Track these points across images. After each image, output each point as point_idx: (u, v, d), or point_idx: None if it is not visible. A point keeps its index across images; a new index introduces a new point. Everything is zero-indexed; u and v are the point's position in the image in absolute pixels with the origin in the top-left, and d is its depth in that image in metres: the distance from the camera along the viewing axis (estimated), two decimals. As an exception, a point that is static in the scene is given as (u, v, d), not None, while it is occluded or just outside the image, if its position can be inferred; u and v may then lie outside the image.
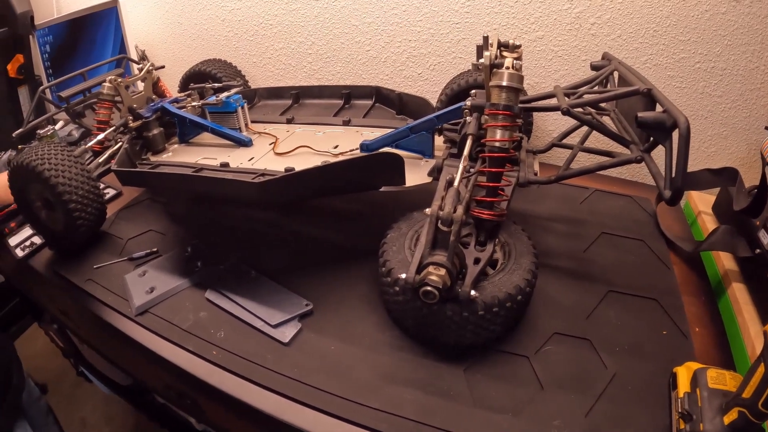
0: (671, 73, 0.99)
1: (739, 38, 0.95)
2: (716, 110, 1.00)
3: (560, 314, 0.75)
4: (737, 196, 0.86)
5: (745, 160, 1.04)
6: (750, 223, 0.80)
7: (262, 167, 0.83)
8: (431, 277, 0.59)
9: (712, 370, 0.62)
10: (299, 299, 0.75)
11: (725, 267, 0.83)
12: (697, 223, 0.96)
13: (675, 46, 0.97)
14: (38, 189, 0.90)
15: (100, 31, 1.29)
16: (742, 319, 0.74)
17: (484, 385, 0.65)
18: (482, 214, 0.67)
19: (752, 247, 0.77)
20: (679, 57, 0.97)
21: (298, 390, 0.66)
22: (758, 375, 0.53)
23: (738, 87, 0.98)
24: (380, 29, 1.12)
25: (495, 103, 0.66)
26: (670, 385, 0.66)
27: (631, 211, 0.95)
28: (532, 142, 1.10)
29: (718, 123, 1.01)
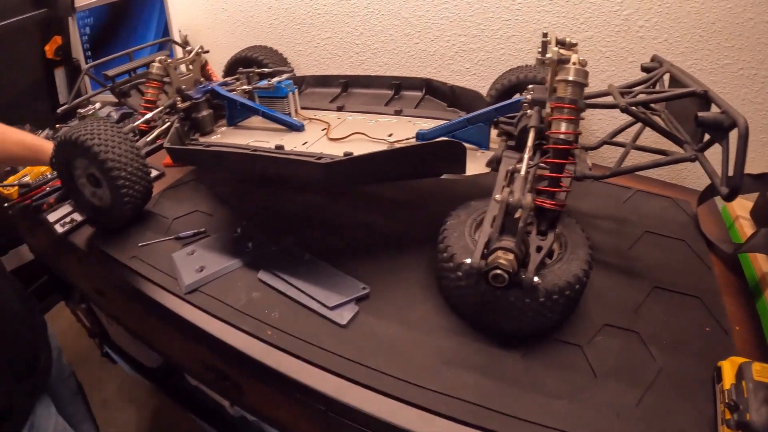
0: (714, 78, 1.02)
1: (782, 46, 0.98)
2: (757, 117, 1.04)
3: (609, 307, 0.78)
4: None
5: (783, 167, 1.08)
6: (788, 228, 0.84)
7: (318, 151, 0.85)
8: (501, 260, 0.62)
9: (757, 363, 0.65)
10: (355, 282, 0.78)
11: (763, 270, 0.86)
12: (734, 227, 0.99)
13: (719, 51, 1.00)
14: (85, 164, 0.91)
15: (144, 15, 1.32)
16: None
17: (540, 372, 0.68)
18: (545, 204, 0.70)
19: None
20: (723, 63, 1.01)
21: (358, 372, 0.68)
22: None
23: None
24: (430, 23, 1.15)
25: (561, 97, 0.69)
26: (714, 379, 0.69)
27: (672, 212, 0.98)
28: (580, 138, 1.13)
29: (758, 129, 1.05)
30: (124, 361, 1.29)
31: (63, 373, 1.02)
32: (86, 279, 1.09)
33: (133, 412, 1.40)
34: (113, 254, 0.92)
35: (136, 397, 1.41)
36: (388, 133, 0.90)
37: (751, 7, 0.96)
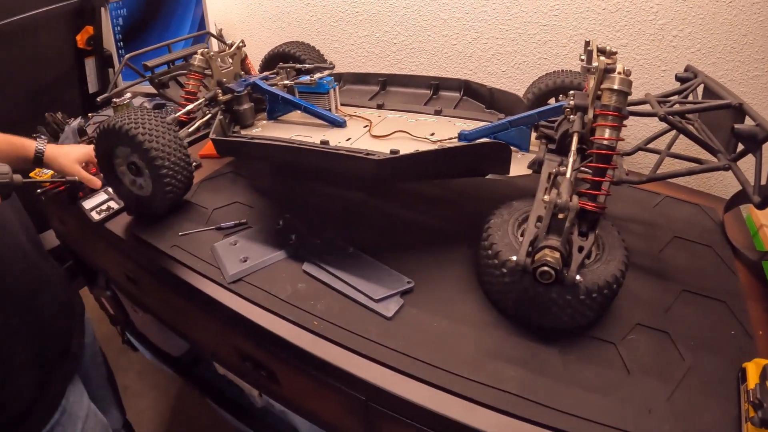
0: (744, 89, 1.07)
1: (813, 60, 1.03)
2: (783, 128, 1.09)
3: (641, 307, 0.82)
4: (802, 211, 0.95)
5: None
6: (812, 237, 0.89)
7: (362, 147, 0.89)
8: (548, 258, 0.67)
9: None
10: (400, 276, 0.82)
11: (785, 277, 0.91)
12: (758, 235, 1.04)
13: (750, 63, 1.05)
14: (126, 153, 0.95)
15: (179, 8, 1.35)
16: (802, 325, 0.83)
17: (577, 366, 0.73)
18: (587, 206, 0.75)
19: None
20: (753, 74, 1.06)
21: (403, 362, 0.72)
22: None
23: (808, 106, 1.07)
24: (468, 25, 1.19)
25: (606, 104, 0.74)
26: (738, 379, 0.74)
27: (699, 219, 1.03)
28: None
29: (784, 140, 1.10)
30: (147, 349, 1.32)
31: (96, 358, 1.06)
32: (119, 266, 1.12)
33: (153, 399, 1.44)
34: (153, 242, 0.96)
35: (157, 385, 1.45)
36: (430, 132, 0.95)
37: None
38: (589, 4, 1.08)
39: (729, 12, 1.02)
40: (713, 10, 1.02)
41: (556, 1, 1.10)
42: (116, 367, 1.53)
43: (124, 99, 1.17)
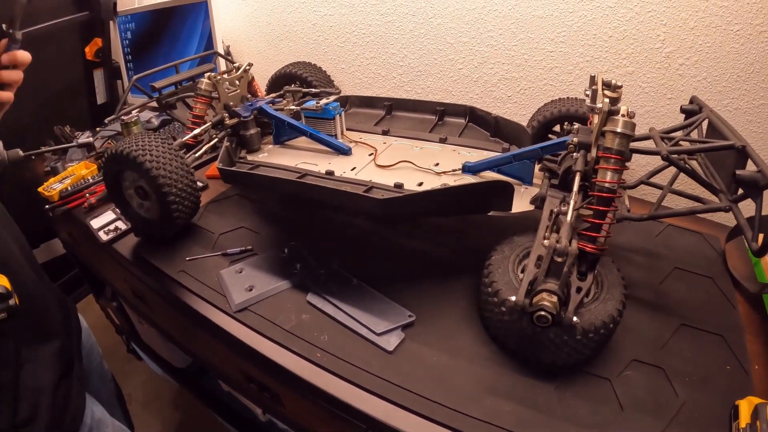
0: (750, 118, 1.09)
1: (818, 89, 1.05)
2: (788, 157, 1.11)
3: (638, 342, 0.86)
4: (804, 243, 0.97)
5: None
6: (813, 271, 0.91)
7: (367, 178, 0.92)
8: (545, 303, 0.70)
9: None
10: (402, 310, 0.86)
11: (785, 309, 0.94)
12: (760, 265, 1.06)
13: (756, 92, 1.07)
14: (134, 177, 0.98)
15: (187, 24, 1.37)
16: (799, 360, 0.86)
17: (572, 403, 0.76)
18: (587, 247, 0.78)
19: None
20: (759, 103, 1.07)
21: (403, 396, 0.76)
22: None
23: (813, 136, 1.09)
24: (475, 49, 1.22)
25: (609, 147, 0.76)
26: (731, 416, 0.76)
27: (701, 248, 1.06)
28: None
29: (788, 169, 1.12)
30: (152, 359, 1.37)
31: (105, 377, 1.11)
32: (125, 282, 1.16)
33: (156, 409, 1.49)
34: (160, 267, 0.99)
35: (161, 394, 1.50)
36: (435, 162, 0.97)
37: (789, 50, 1.03)
38: (596, 32, 1.10)
39: (736, 41, 1.04)
40: (720, 39, 1.04)
41: (562, 28, 1.12)
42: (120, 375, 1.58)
43: (132, 116, 1.20)
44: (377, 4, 1.26)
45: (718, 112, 1.06)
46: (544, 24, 1.14)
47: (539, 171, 0.94)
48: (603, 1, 1.08)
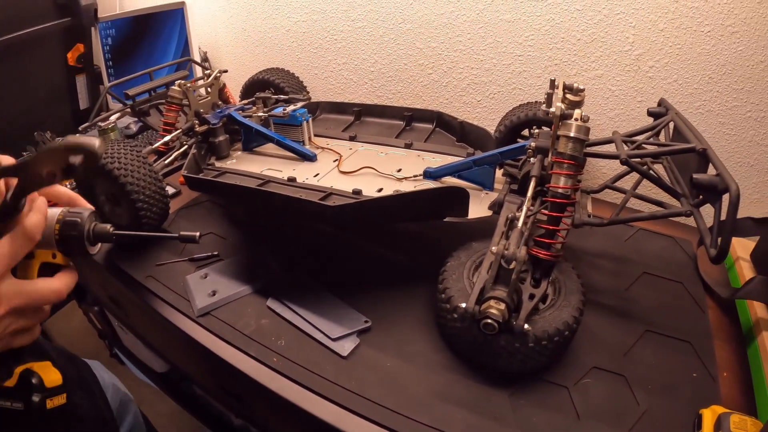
0: (722, 120, 1.07)
1: (792, 90, 1.02)
2: (763, 159, 1.08)
3: (600, 349, 0.84)
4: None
5: (788, 210, 1.12)
6: (786, 275, 0.89)
7: (328, 185, 0.92)
8: (492, 310, 0.69)
9: (736, 415, 0.70)
10: (358, 315, 0.85)
11: (758, 315, 0.91)
12: (734, 269, 1.04)
13: (728, 94, 1.04)
14: (105, 185, 0.99)
15: (165, 30, 1.39)
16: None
17: (527, 411, 0.74)
18: (540, 254, 0.77)
19: None
20: (731, 105, 1.05)
21: (356, 402, 0.75)
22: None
23: (786, 138, 1.06)
24: (444, 54, 1.21)
25: (561, 152, 0.75)
26: (695, 426, 0.74)
27: (672, 253, 1.03)
28: (583, 179, 1.18)
29: (764, 171, 1.09)
30: (133, 364, 1.38)
31: None
32: (103, 288, 1.17)
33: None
34: (130, 272, 1.00)
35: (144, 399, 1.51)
36: (397, 168, 0.97)
37: (761, 50, 1.00)
38: (564, 35, 1.09)
39: (707, 42, 1.02)
40: (690, 41, 1.02)
41: (530, 32, 1.11)
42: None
43: (109, 123, 1.21)
44: (348, 10, 1.25)
45: (690, 115, 1.05)
46: (512, 28, 1.13)
47: (502, 176, 0.93)
48: (571, 4, 1.06)
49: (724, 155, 1.09)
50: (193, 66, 1.33)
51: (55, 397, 0.53)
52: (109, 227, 0.54)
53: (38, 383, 0.51)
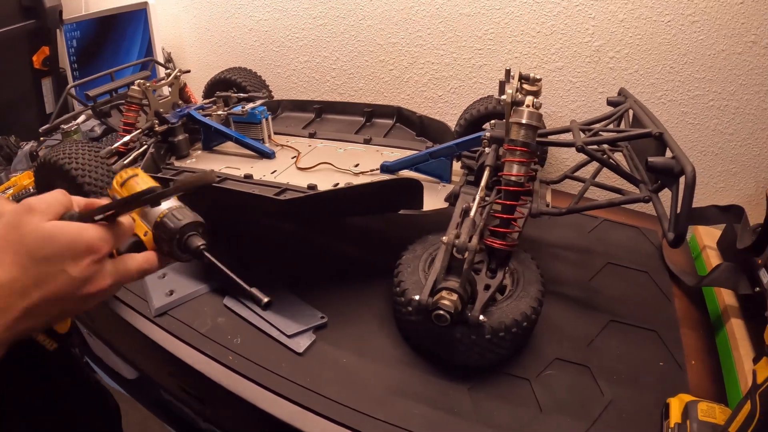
0: (685, 110, 1.05)
1: (753, 78, 1.01)
2: (727, 147, 1.07)
3: (563, 341, 0.81)
4: (741, 235, 0.92)
5: (753, 197, 1.10)
6: (752, 262, 0.85)
7: (285, 181, 0.89)
8: (444, 301, 0.66)
9: (703, 403, 0.68)
10: (314, 311, 0.82)
11: (725, 302, 0.89)
12: (701, 257, 1.02)
13: (690, 83, 1.03)
14: (64, 187, 0.96)
15: (128, 31, 1.36)
16: (738, 354, 0.80)
17: (487, 404, 0.72)
18: (495, 244, 0.74)
19: (753, 285, 0.83)
20: (694, 94, 1.04)
21: (312, 399, 0.72)
22: (744, 412, 0.59)
23: (749, 126, 1.05)
24: (404, 50, 1.19)
25: (513, 139, 0.73)
26: (663, 415, 0.72)
27: (637, 243, 1.01)
28: (546, 170, 1.16)
29: (728, 160, 1.08)
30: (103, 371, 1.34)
31: None
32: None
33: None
34: (90, 273, 0.97)
35: (118, 405, 1.47)
36: (355, 163, 0.94)
37: (723, 40, 0.99)
38: (524, 28, 1.07)
39: (667, 32, 1.00)
40: (651, 30, 1.00)
41: (490, 26, 1.09)
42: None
43: (72, 125, 1.18)
44: (309, 7, 1.23)
45: (652, 105, 1.04)
46: (471, 22, 1.11)
47: (461, 168, 0.91)
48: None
49: (688, 144, 1.08)
50: (156, 67, 1.31)
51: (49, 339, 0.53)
52: (200, 244, 0.55)
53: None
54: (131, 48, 1.37)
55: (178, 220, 0.54)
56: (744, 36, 0.98)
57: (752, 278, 0.84)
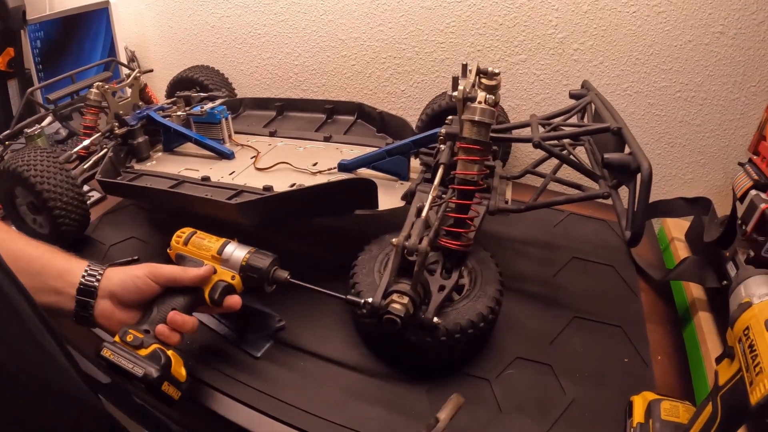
0: (651, 101, 1.03)
1: (721, 69, 0.99)
2: (695, 138, 1.05)
3: (524, 339, 0.79)
4: (708, 227, 0.90)
5: (722, 188, 1.09)
6: (719, 254, 0.83)
7: (243, 182, 0.87)
8: (394, 305, 0.64)
9: (667, 401, 0.66)
10: (272, 314, 0.80)
11: (693, 296, 0.87)
12: (669, 250, 1.00)
13: (657, 74, 1.01)
14: (24, 194, 0.94)
15: (91, 30, 1.32)
16: (706, 348, 0.78)
17: (445, 405, 0.70)
18: (449, 244, 0.72)
19: (720, 278, 0.81)
20: (660, 85, 1.01)
21: (269, 404, 0.70)
22: (705, 414, 0.56)
23: (717, 117, 1.02)
24: (366, 45, 1.16)
25: (465, 137, 0.70)
26: (626, 414, 0.69)
27: (604, 236, 0.99)
28: (509, 166, 1.14)
29: (696, 151, 1.06)
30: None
31: None
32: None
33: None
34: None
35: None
36: (314, 162, 0.92)
37: (689, 30, 0.96)
38: (486, 20, 1.04)
39: (632, 23, 0.97)
40: (615, 22, 0.98)
41: (451, 18, 1.06)
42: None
43: (35, 129, 1.15)
44: (270, 3, 1.20)
45: (618, 97, 1.01)
46: (432, 15, 1.08)
47: (420, 165, 0.88)
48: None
49: (655, 136, 1.05)
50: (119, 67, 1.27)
51: (172, 387, 0.60)
52: (287, 275, 0.68)
53: (166, 363, 0.59)
54: (95, 48, 1.34)
55: (262, 260, 0.68)
56: (711, 26, 0.95)
57: (719, 271, 0.82)
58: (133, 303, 0.64)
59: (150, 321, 0.62)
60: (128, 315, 0.64)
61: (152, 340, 0.60)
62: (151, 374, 0.57)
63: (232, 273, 0.68)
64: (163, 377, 0.58)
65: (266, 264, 0.67)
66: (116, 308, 0.63)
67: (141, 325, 0.62)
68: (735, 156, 1.05)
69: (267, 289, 0.68)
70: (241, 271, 0.68)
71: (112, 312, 0.63)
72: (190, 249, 0.72)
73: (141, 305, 0.65)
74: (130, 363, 0.58)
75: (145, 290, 0.64)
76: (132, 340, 0.59)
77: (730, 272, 0.81)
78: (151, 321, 0.62)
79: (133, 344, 0.59)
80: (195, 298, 0.68)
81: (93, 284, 0.62)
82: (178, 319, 0.63)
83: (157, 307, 0.64)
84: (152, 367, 0.57)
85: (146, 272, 0.64)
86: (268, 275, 0.67)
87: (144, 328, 0.61)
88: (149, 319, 0.63)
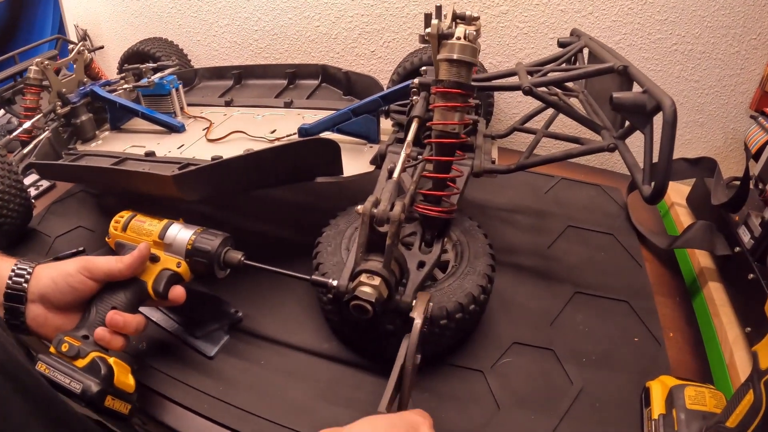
0: (646, 55, 0.85)
1: (720, 20, 0.81)
2: (693, 96, 0.87)
3: (521, 321, 0.62)
4: (715, 190, 0.73)
5: (722, 149, 0.91)
6: (729, 219, 0.67)
7: (191, 155, 0.68)
8: (363, 288, 0.45)
9: (690, 387, 0.50)
10: (227, 305, 0.61)
11: (701, 265, 0.70)
12: (669, 215, 0.83)
13: (651, 25, 0.82)
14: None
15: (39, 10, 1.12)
16: (719, 322, 0.62)
17: (433, 405, 0.52)
18: (428, 211, 0.53)
19: (731, 244, 0.65)
20: (656, 38, 0.83)
21: (223, 412, 0.52)
22: (746, 403, 0.41)
23: (717, 72, 0.85)
24: (330, 3, 0.95)
25: (442, 80, 0.51)
26: (642, 401, 0.53)
27: (600, 202, 0.81)
28: (492, 126, 0.95)
29: (694, 109, 0.88)
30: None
31: None
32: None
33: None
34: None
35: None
36: (272, 130, 0.73)
37: (685, -25, 0.78)
38: (463, -31, 0.85)
39: (623, -33, 0.79)
40: (605, -34, 0.79)
41: (425, -32, 0.87)
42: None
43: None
44: (224, -36, 1.00)
45: (610, 48, 0.82)
46: (403, -36, 0.88)
47: (392, 126, 0.69)
48: (469, -66, 0.83)
49: (650, 93, 0.87)
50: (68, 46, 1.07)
51: (118, 401, 0.45)
52: (240, 257, 0.53)
53: (107, 375, 0.44)
54: (44, 28, 1.14)
55: (211, 240, 0.52)
56: (708, -29, 0.77)
57: (730, 237, 0.66)
58: (68, 305, 0.48)
59: (88, 324, 0.47)
60: (65, 319, 0.48)
61: (91, 348, 0.45)
62: (89, 389, 0.43)
63: (178, 259, 0.53)
64: (105, 391, 0.44)
65: (215, 245, 0.52)
66: (50, 312, 0.48)
67: (78, 330, 0.47)
68: (735, 115, 0.88)
69: (219, 275, 0.53)
70: (187, 256, 0.53)
71: (45, 317, 0.47)
72: (129, 235, 0.55)
73: (78, 306, 0.49)
74: (66, 378, 0.43)
75: (80, 289, 0.48)
76: (67, 350, 0.44)
77: (743, 237, 0.64)
78: (89, 324, 0.47)
79: (69, 354, 0.44)
80: (138, 293, 0.51)
81: (21, 287, 0.47)
82: (119, 319, 0.47)
83: (95, 308, 0.48)
84: (91, 381, 0.43)
85: (79, 268, 0.48)
86: (218, 258, 0.52)
87: (82, 333, 0.46)
88: (87, 323, 0.47)
